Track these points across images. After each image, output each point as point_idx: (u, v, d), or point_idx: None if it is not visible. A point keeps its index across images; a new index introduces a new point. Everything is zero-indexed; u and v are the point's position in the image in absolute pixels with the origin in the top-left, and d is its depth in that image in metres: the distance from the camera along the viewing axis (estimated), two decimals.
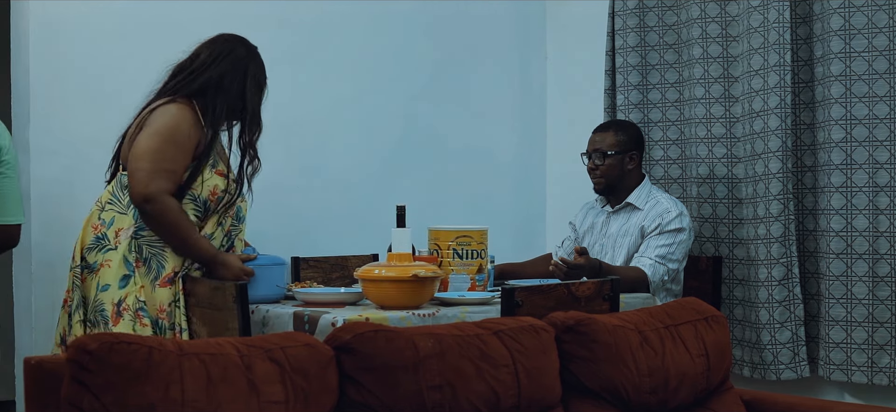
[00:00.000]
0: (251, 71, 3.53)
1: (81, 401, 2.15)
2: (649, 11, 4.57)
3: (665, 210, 4.01)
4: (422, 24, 4.86)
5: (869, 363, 3.94)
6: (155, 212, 3.33)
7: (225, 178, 3.47)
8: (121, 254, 3.37)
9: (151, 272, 3.39)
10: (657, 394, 2.85)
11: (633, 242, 4.04)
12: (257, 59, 3.58)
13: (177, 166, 3.37)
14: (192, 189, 3.41)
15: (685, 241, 4.01)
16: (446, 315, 3.14)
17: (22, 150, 4.10)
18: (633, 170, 4.13)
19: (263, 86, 3.59)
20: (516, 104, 5.16)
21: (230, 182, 3.48)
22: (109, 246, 3.39)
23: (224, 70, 3.50)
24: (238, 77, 3.52)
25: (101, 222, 3.42)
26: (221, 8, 4.30)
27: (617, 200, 4.15)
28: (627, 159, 4.11)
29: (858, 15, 3.92)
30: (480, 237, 3.54)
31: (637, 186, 4.13)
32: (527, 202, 5.17)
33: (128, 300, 3.35)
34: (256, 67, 3.56)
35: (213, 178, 3.45)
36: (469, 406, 2.52)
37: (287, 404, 2.32)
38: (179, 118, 3.39)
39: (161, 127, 3.37)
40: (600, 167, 4.11)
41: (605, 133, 4.16)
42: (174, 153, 3.36)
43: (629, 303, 3.57)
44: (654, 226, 3.99)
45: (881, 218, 3.92)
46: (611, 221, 4.16)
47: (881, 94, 3.91)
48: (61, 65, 4.07)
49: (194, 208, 3.42)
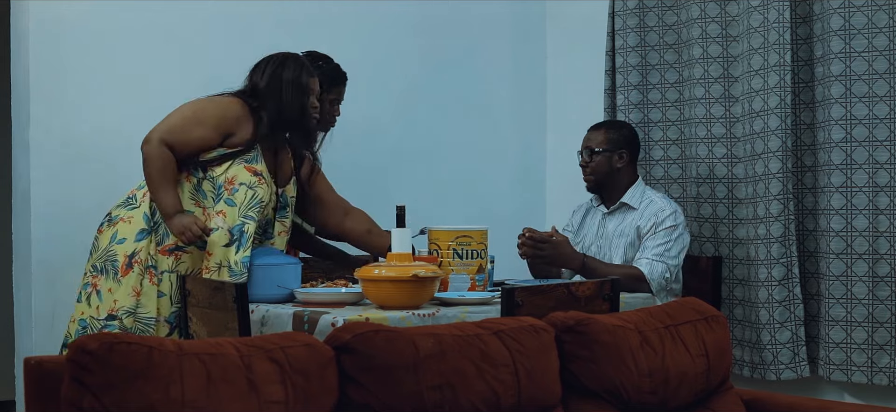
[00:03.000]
0: (286, 77, 3.66)
1: (81, 401, 2.15)
2: (649, 11, 4.57)
3: (659, 209, 4.03)
4: (421, 24, 4.86)
5: (869, 363, 3.94)
6: (144, 154, 3.54)
7: (256, 175, 3.60)
8: (142, 211, 3.59)
9: (157, 235, 3.59)
10: (657, 394, 2.85)
11: (630, 242, 4.05)
12: (295, 63, 3.70)
13: (189, 132, 3.56)
14: (213, 172, 3.59)
15: (681, 238, 4.01)
16: (446, 315, 3.14)
17: (22, 150, 4.10)
18: (624, 169, 4.14)
19: (305, 88, 3.69)
20: (516, 104, 5.16)
21: (261, 182, 3.61)
22: (135, 204, 3.63)
23: (265, 85, 3.67)
24: (276, 88, 3.66)
25: (138, 186, 3.66)
26: (221, 8, 4.31)
27: (611, 201, 4.16)
28: (616, 157, 4.13)
29: (858, 15, 3.92)
30: (480, 237, 3.54)
31: (631, 186, 4.14)
32: (527, 202, 5.17)
33: (141, 254, 3.56)
34: (293, 71, 3.68)
35: (238, 169, 3.59)
36: (469, 406, 2.52)
37: (287, 404, 2.32)
38: (220, 103, 3.62)
39: (199, 100, 3.64)
40: (589, 164, 4.15)
41: (597, 131, 4.19)
42: (194, 122, 3.57)
43: (629, 303, 3.57)
44: (650, 226, 4.00)
45: (881, 218, 3.92)
46: (607, 222, 4.17)
47: (881, 94, 3.91)
48: (61, 65, 4.07)
49: (211, 189, 3.60)
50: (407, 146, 4.82)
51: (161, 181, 3.53)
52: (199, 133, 3.57)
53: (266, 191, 3.63)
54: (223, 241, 3.53)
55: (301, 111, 3.67)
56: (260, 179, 3.61)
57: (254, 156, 3.62)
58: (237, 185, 3.57)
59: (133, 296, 3.53)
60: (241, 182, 3.58)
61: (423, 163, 4.84)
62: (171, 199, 3.54)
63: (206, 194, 3.61)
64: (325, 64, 4.13)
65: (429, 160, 4.86)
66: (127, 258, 3.55)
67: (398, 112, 4.81)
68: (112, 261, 3.56)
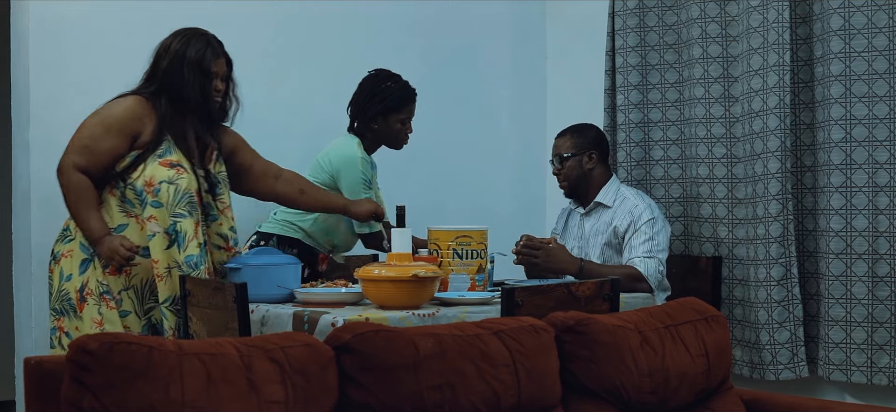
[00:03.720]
0: (188, 56, 3.55)
1: (81, 401, 2.15)
2: (649, 11, 4.57)
3: (633, 206, 4.06)
4: (421, 24, 4.86)
5: (868, 363, 3.94)
6: (61, 184, 3.49)
7: (173, 168, 3.48)
8: (78, 241, 3.50)
9: (101, 259, 3.49)
10: (657, 394, 2.85)
11: (606, 241, 4.07)
12: (198, 43, 3.59)
13: (99, 147, 3.47)
14: (131, 178, 3.48)
15: (662, 229, 4.04)
16: (446, 315, 3.14)
17: (22, 150, 4.10)
18: (594, 169, 4.16)
19: (207, 71, 3.57)
20: (516, 104, 5.16)
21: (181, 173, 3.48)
22: (70, 236, 3.54)
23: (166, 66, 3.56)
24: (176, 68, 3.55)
25: (71, 217, 3.55)
26: (221, 8, 4.30)
27: (587, 201, 4.19)
28: (585, 159, 4.15)
29: (858, 15, 3.92)
30: (480, 237, 3.54)
31: (604, 185, 4.15)
32: (527, 202, 5.17)
33: (90, 284, 3.47)
34: (196, 51, 3.56)
35: (153, 167, 3.48)
36: (469, 406, 2.52)
37: (287, 404, 2.32)
38: (119, 106, 3.52)
39: (99, 111, 3.53)
40: (561, 171, 4.18)
41: (563, 137, 4.23)
42: (99, 136, 3.48)
43: (629, 303, 3.57)
44: (627, 225, 4.03)
45: (881, 218, 3.92)
46: (584, 223, 4.20)
47: (881, 94, 3.91)
48: (61, 65, 4.07)
49: (135, 197, 3.48)
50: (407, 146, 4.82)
51: (81, 208, 3.46)
52: (107, 145, 3.48)
53: (188, 180, 3.51)
54: (163, 245, 3.47)
55: (202, 93, 3.57)
56: (179, 170, 3.50)
57: (166, 148, 3.51)
58: (157, 185, 3.47)
59: (97, 328, 3.45)
60: (161, 180, 3.47)
61: (423, 163, 4.84)
62: (95, 224, 3.46)
63: (133, 203, 3.51)
64: (393, 84, 4.12)
65: (429, 160, 4.86)
66: (78, 293, 3.48)
67: None
68: (67, 301, 3.49)
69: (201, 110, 3.58)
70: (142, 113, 3.51)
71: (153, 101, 3.54)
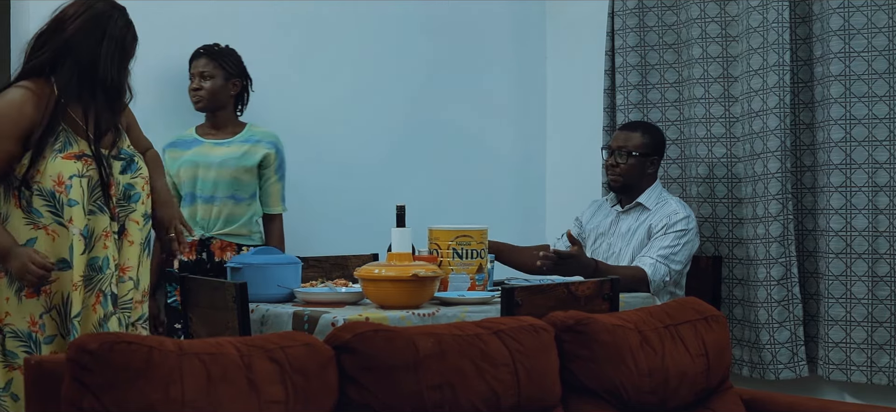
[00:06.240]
0: (110, 31, 3.10)
1: (81, 401, 2.15)
2: (649, 11, 4.57)
3: (673, 211, 4.03)
4: (421, 23, 4.86)
5: (868, 363, 3.94)
6: None
7: (79, 159, 3.06)
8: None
9: (14, 282, 3.03)
10: (657, 394, 2.85)
11: (639, 242, 4.04)
12: (122, 20, 3.15)
13: None
14: (36, 181, 3.03)
15: (690, 244, 4.01)
16: (446, 315, 3.14)
17: None
18: (652, 174, 4.14)
19: (128, 52, 3.16)
20: (516, 104, 5.16)
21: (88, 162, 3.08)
22: None
23: (76, 29, 3.08)
24: (92, 36, 3.09)
25: None
26: (221, 8, 4.31)
27: (628, 200, 4.16)
28: (649, 163, 4.12)
29: (858, 15, 3.92)
30: (480, 237, 3.54)
31: (649, 188, 4.13)
32: (527, 202, 5.17)
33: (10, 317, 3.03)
34: (119, 28, 3.13)
35: (59, 163, 3.04)
36: (469, 406, 2.52)
37: (287, 404, 2.32)
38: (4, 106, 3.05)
39: None
40: (621, 166, 4.11)
41: (633, 132, 4.16)
42: None
43: (629, 302, 3.57)
44: (661, 226, 4.00)
45: (880, 218, 3.92)
46: (621, 221, 4.16)
47: (880, 94, 3.91)
48: None
49: (44, 203, 3.04)
50: (407, 146, 4.82)
51: None
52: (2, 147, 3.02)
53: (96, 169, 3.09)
54: (80, 249, 3.05)
55: (119, 75, 3.14)
56: (86, 160, 3.08)
57: (65, 139, 3.06)
58: (68, 181, 3.03)
59: None
60: (71, 174, 3.04)
61: (423, 163, 4.84)
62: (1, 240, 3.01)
63: (41, 211, 3.04)
64: None
65: (429, 160, 4.87)
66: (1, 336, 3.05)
67: (398, 112, 4.81)
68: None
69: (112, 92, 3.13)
70: (30, 104, 3.04)
71: (46, 78, 3.08)
